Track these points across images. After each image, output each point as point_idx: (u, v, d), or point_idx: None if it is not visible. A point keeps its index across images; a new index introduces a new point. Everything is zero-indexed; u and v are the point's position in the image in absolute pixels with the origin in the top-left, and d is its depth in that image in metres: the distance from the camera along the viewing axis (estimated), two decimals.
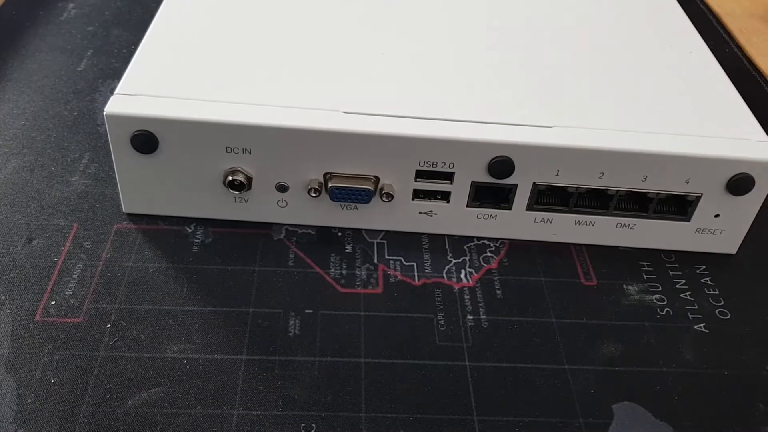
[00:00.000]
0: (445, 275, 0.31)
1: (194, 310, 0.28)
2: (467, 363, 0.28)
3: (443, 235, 0.32)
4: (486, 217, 0.32)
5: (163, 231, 0.31)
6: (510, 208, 0.31)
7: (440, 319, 0.29)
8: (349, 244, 0.32)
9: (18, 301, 0.28)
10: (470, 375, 0.27)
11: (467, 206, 0.31)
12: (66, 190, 0.33)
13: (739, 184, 0.30)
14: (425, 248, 0.32)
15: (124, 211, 0.32)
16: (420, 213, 0.32)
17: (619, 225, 0.32)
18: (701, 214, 0.31)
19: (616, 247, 0.33)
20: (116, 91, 0.29)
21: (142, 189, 0.31)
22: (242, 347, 0.27)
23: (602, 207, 0.31)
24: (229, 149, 0.29)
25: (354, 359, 0.27)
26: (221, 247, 0.31)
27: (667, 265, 0.32)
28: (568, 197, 0.31)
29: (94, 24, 0.44)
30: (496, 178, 0.30)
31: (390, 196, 0.30)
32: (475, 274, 0.31)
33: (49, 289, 0.29)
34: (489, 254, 0.32)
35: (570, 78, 0.32)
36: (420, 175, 0.30)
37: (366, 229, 0.32)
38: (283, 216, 0.32)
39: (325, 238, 0.32)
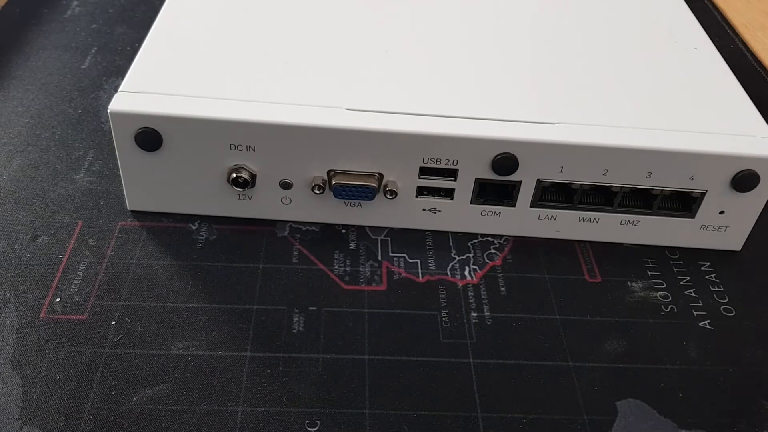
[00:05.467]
0: (449, 272, 0.31)
1: (198, 307, 0.28)
2: (471, 360, 0.28)
3: (447, 232, 0.32)
4: (490, 214, 0.32)
5: (167, 228, 0.31)
6: (514, 205, 0.31)
7: (444, 316, 0.29)
8: (353, 241, 0.32)
9: (23, 299, 0.28)
10: (474, 372, 0.27)
11: (471, 203, 0.31)
12: (70, 187, 0.33)
13: (744, 180, 0.30)
14: (429, 245, 0.32)
15: (128, 208, 0.32)
16: (424, 210, 0.32)
17: (623, 222, 0.32)
18: (706, 210, 0.31)
19: (621, 244, 0.33)
20: (120, 88, 0.29)
21: (146, 186, 0.31)
22: (246, 344, 0.27)
23: (606, 204, 0.31)
24: (233, 146, 0.29)
25: (358, 356, 0.27)
26: (225, 244, 0.31)
27: (672, 262, 0.32)
28: (573, 194, 0.31)
29: (98, 21, 0.44)
30: (500, 175, 0.30)
31: (394, 193, 0.30)
32: (479, 271, 0.31)
33: (53, 286, 0.29)
34: (493, 251, 0.32)
35: (574, 75, 0.32)
36: (424, 172, 0.30)
37: (370, 226, 0.32)
38: (287, 213, 0.32)
39: (329, 235, 0.32)
